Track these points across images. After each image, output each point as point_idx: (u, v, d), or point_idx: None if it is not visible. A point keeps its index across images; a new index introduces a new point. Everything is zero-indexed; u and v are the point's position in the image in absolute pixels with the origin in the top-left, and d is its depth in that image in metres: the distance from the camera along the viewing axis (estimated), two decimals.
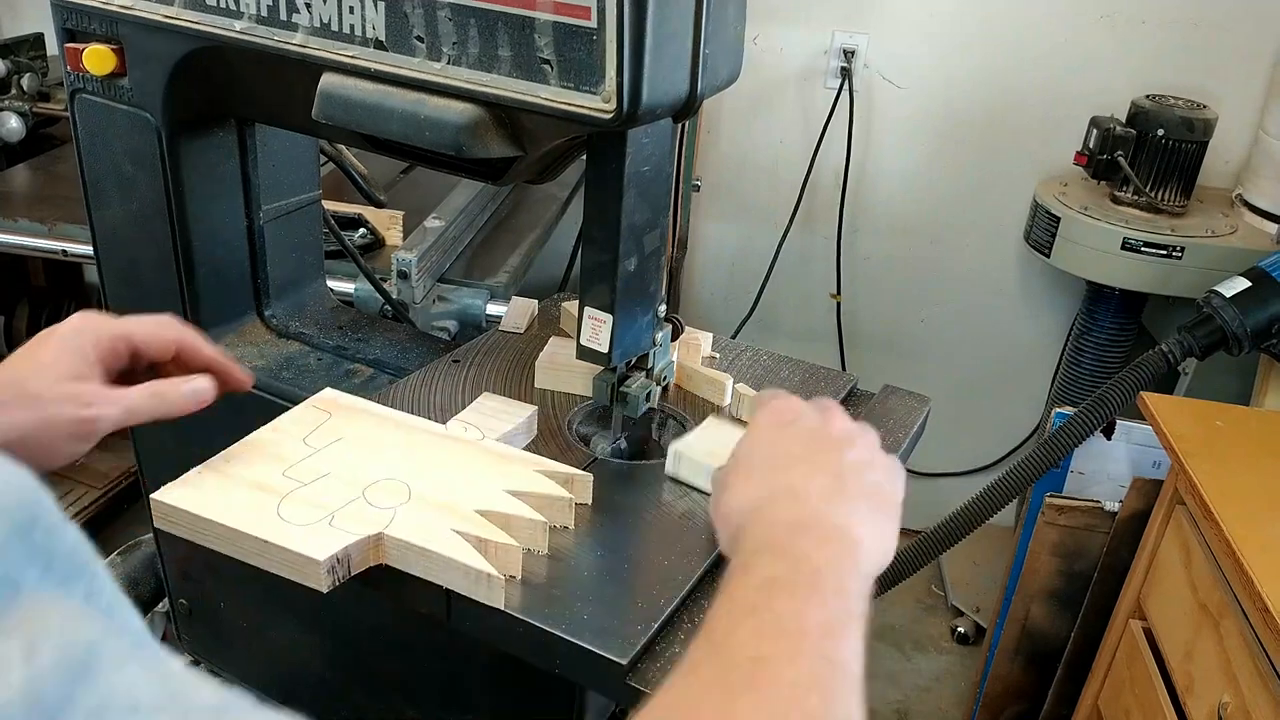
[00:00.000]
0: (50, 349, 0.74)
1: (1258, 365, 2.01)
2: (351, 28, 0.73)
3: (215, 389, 0.76)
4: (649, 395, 0.86)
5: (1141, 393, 1.62)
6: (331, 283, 1.18)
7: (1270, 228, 2.11)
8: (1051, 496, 1.79)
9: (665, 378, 0.88)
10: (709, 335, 1.02)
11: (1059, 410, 1.80)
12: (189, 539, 0.71)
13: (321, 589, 0.67)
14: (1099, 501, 1.77)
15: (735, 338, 1.27)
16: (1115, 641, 1.64)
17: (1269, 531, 1.28)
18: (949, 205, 2.57)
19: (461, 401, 0.90)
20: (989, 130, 2.46)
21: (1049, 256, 2.23)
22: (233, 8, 0.78)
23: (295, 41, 0.76)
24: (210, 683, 0.35)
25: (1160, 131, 2.08)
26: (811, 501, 0.62)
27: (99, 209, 0.98)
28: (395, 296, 1.50)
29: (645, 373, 0.86)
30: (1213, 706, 1.30)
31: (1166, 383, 2.22)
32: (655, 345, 0.85)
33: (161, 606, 1.25)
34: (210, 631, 1.16)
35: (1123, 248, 2.09)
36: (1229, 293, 1.76)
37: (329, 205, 1.49)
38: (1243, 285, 1.76)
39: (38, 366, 0.73)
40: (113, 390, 0.73)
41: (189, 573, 1.13)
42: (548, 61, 0.66)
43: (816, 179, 2.57)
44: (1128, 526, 1.68)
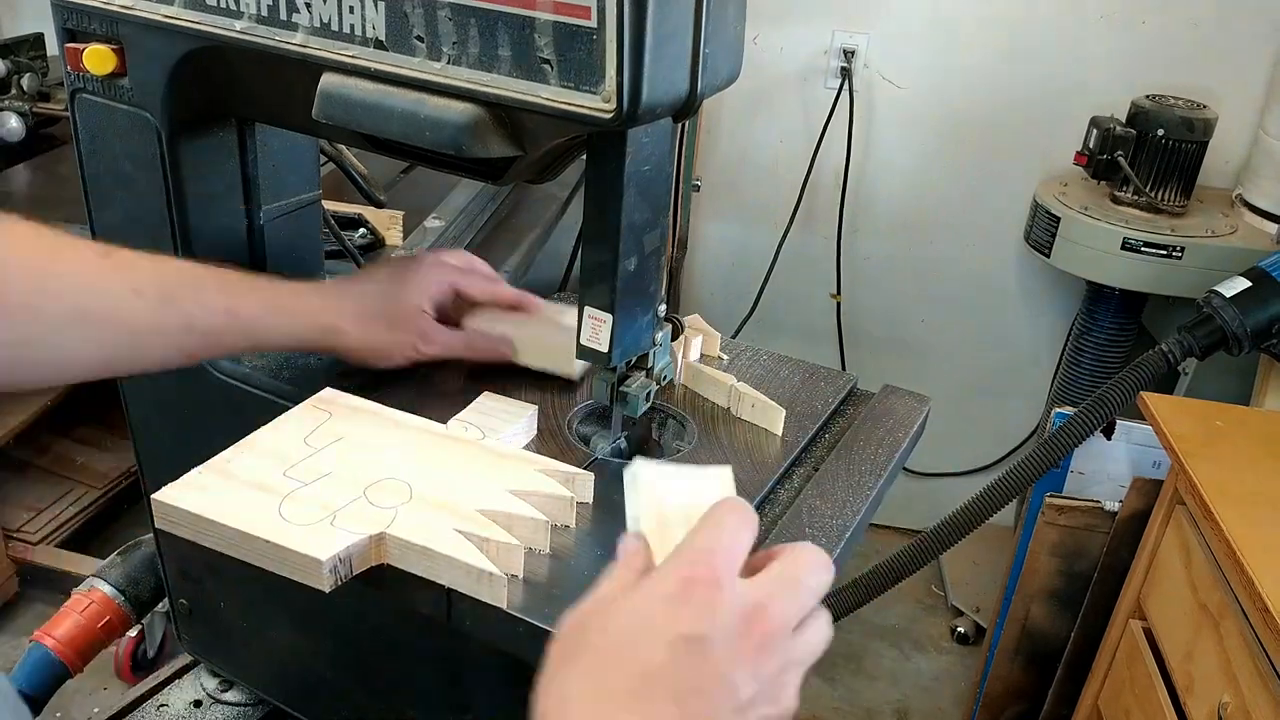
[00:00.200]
0: (419, 279, 0.90)
1: (1258, 365, 2.01)
2: (351, 27, 0.73)
3: (512, 351, 0.94)
4: (649, 395, 0.86)
5: (1141, 393, 1.62)
6: None
7: (1270, 228, 2.11)
8: (1051, 496, 1.79)
9: (665, 377, 0.88)
10: (716, 335, 1.02)
11: (1059, 410, 1.80)
12: (190, 539, 0.71)
13: (324, 589, 0.67)
14: (1099, 501, 1.77)
15: (735, 338, 1.27)
16: (1115, 642, 1.64)
17: (1269, 531, 1.28)
18: (949, 205, 2.57)
19: (461, 401, 0.90)
20: (989, 130, 2.46)
21: (1049, 256, 2.24)
22: (233, 7, 0.78)
23: (295, 41, 0.76)
24: None
25: (1160, 131, 2.08)
26: None
27: (99, 209, 0.98)
28: None
29: (645, 372, 0.86)
30: (1213, 707, 1.30)
31: (1166, 383, 2.23)
32: (655, 345, 0.85)
33: (161, 606, 1.25)
34: (210, 631, 1.16)
35: (1123, 248, 2.09)
36: (1229, 293, 1.76)
37: (329, 205, 1.49)
38: (1243, 285, 1.76)
39: (407, 290, 0.89)
40: (442, 332, 0.90)
41: (189, 573, 1.13)
42: (548, 61, 0.66)
43: (816, 179, 2.57)
44: (1128, 526, 1.68)
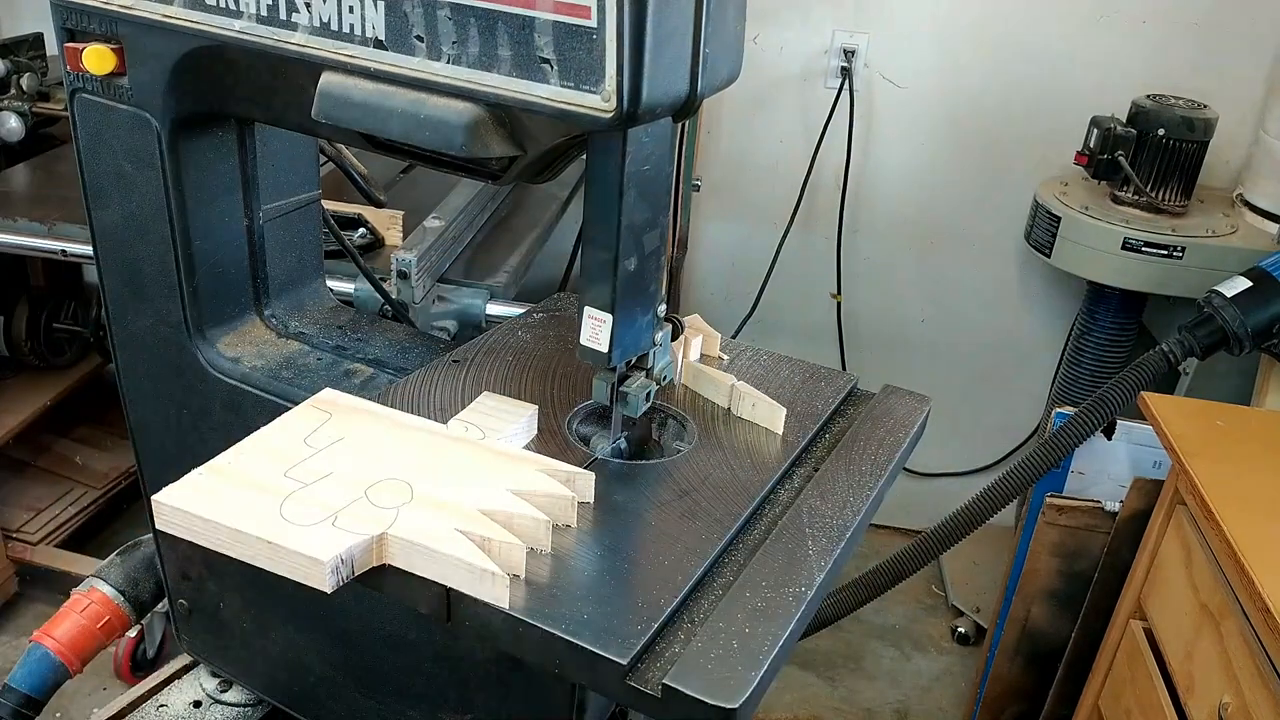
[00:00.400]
0: None
1: (1258, 365, 2.01)
2: (351, 27, 0.73)
3: None
4: (649, 395, 0.86)
5: (1142, 393, 1.62)
6: (331, 282, 1.17)
7: (1271, 227, 2.11)
8: (1052, 496, 1.79)
9: (665, 377, 0.88)
10: (716, 335, 1.02)
11: (1059, 410, 1.80)
12: (191, 540, 0.71)
13: (325, 589, 0.67)
14: (1099, 501, 1.77)
15: (735, 338, 1.27)
16: (1116, 642, 1.64)
17: (1270, 531, 1.28)
18: (949, 205, 2.57)
19: (461, 401, 0.90)
20: (989, 130, 2.46)
21: (1049, 256, 2.23)
22: (232, 7, 0.78)
23: (295, 41, 0.76)
24: None
25: (1161, 131, 2.08)
26: None
27: (99, 209, 0.98)
28: (395, 296, 1.50)
29: (645, 372, 0.86)
30: (1213, 707, 1.29)
31: (1167, 383, 2.22)
32: (655, 345, 0.84)
33: (161, 607, 1.25)
34: (210, 631, 1.16)
35: (1123, 248, 2.09)
36: (1230, 293, 1.76)
37: (329, 205, 1.49)
38: (1243, 285, 1.76)
39: None
40: None
41: (188, 573, 1.13)
42: (548, 61, 0.66)
43: (816, 179, 2.57)
44: (1128, 527, 1.68)
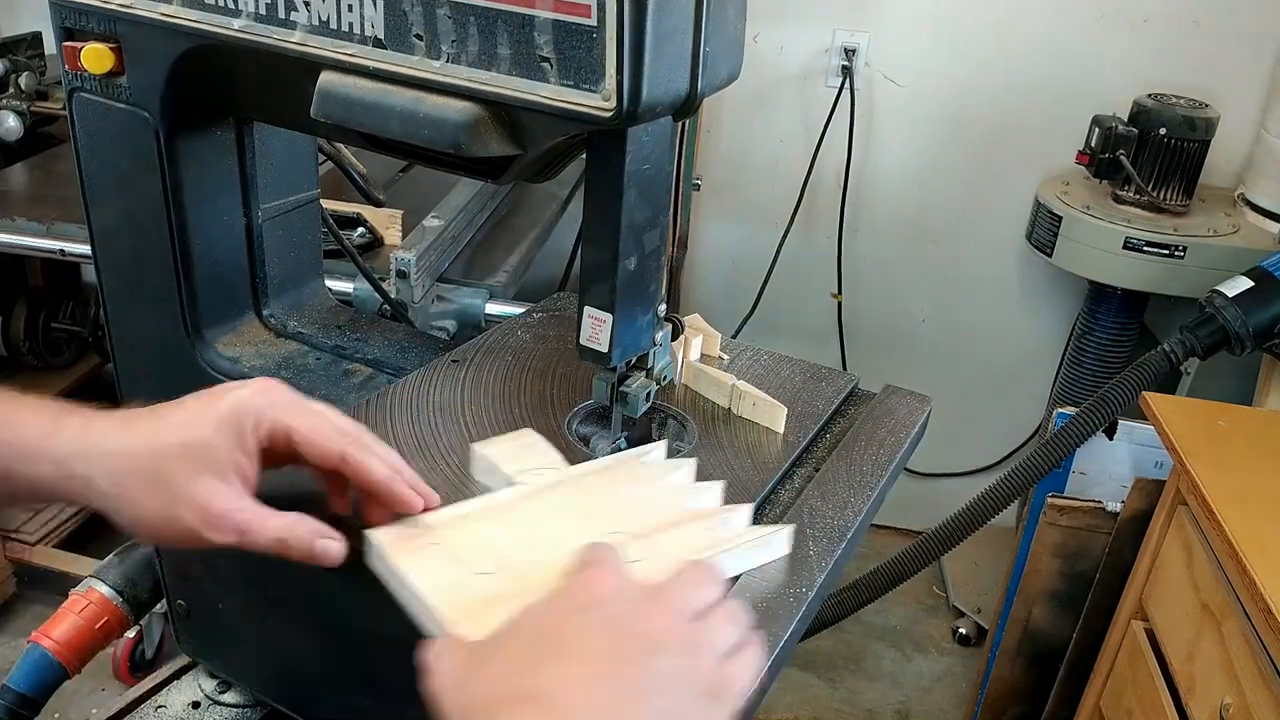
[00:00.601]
0: (220, 431, 0.64)
1: (1260, 365, 2.01)
2: (350, 26, 0.73)
3: (345, 553, 0.67)
4: (649, 395, 0.85)
5: (1143, 393, 1.62)
6: (330, 282, 1.17)
7: (1272, 227, 2.10)
8: (1053, 497, 1.79)
9: (665, 377, 0.88)
10: (717, 335, 1.01)
11: (1061, 410, 1.80)
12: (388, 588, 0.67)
13: None
14: (1101, 502, 1.77)
15: (735, 338, 1.27)
16: (1117, 642, 1.64)
17: (1271, 532, 1.28)
18: (950, 204, 2.56)
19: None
20: (991, 129, 2.46)
21: (1051, 256, 2.23)
22: (231, 6, 0.77)
23: (294, 40, 0.76)
24: None
25: (1162, 130, 2.08)
26: None
27: (97, 208, 0.98)
28: (394, 296, 1.50)
29: (645, 372, 0.85)
30: (1215, 707, 1.29)
31: (1168, 383, 2.22)
32: (655, 345, 0.84)
33: (159, 607, 1.25)
34: (208, 632, 1.16)
35: (1125, 247, 2.09)
36: (1231, 292, 1.76)
37: (328, 204, 1.49)
38: (1245, 285, 1.76)
39: (195, 448, 0.63)
40: (242, 514, 0.64)
41: (187, 573, 1.13)
42: (547, 60, 0.66)
43: (817, 178, 2.56)
44: (1129, 527, 1.68)
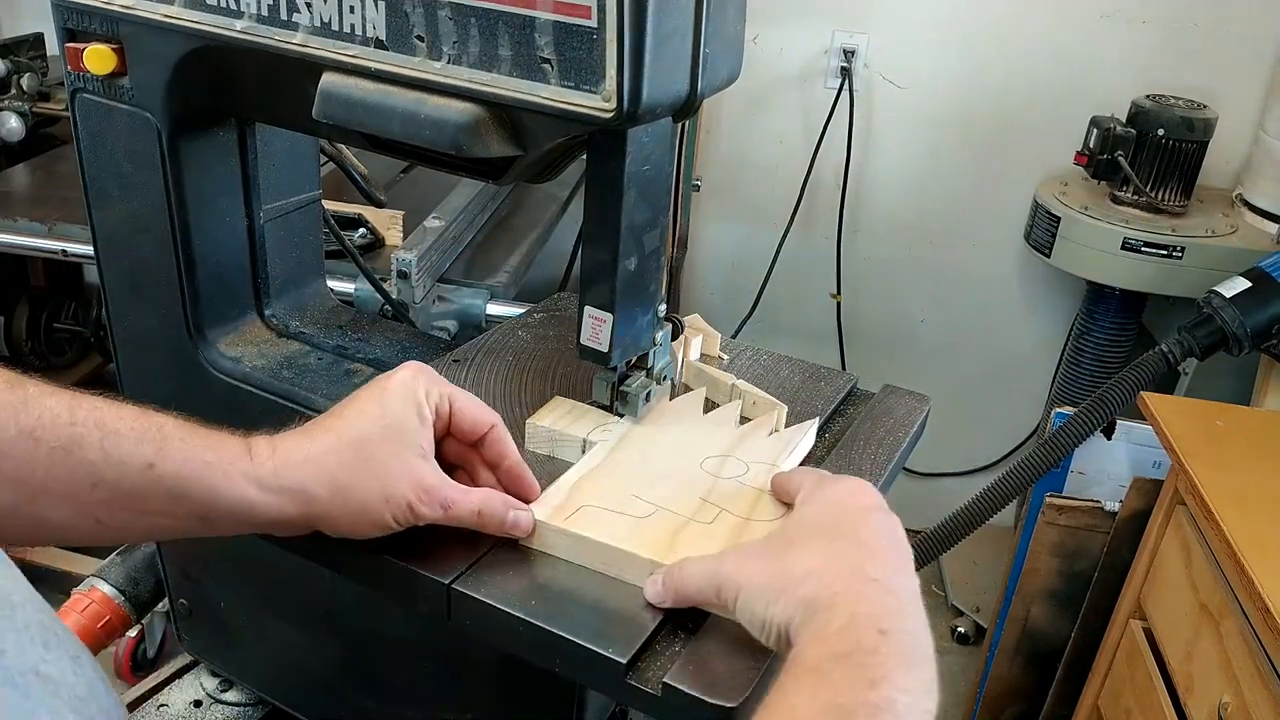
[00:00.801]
0: (397, 406, 0.67)
1: (1258, 365, 2.01)
2: (352, 27, 0.73)
3: (533, 525, 0.71)
4: (649, 395, 0.86)
5: (1142, 393, 1.62)
6: (331, 283, 1.17)
7: (1270, 228, 2.11)
8: (1052, 496, 1.79)
9: (665, 377, 0.88)
10: (717, 335, 1.02)
11: (1059, 410, 1.80)
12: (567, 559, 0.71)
13: None
14: (1099, 501, 1.77)
15: (735, 338, 1.27)
16: (1115, 642, 1.64)
17: (1269, 531, 1.28)
18: (949, 205, 2.57)
19: None
20: (989, 130, 2.46)
21: (1049, 256, 2.23)
22: (233, 7, 0.78)
23: (295, 41, 0.76)
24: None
25: (1160, 131, 2.08)
26: (904, 602, 0.58)
27: (99, 209, 0.98)
28: (395, 296, 1.50)
29: (645, 372, 0.86)
30: (1213, 707, 1.30)
31: (1167, 383, 2.23)
32: (655, 345, 0.85)
33: (161, 606, 1.25)
34: (210, 631, 1.16)
35: (1123, 248, 2.09)
36: (1229, 293, 1.76)
37: (329, 205, 1.49)
38: (1243, 285, 1.76)
39: (389, 428, 0.66)
40: (449, 488, 0.67)
41: (189, 572, 1.13)
42: (548, 61, 0.66)
43: (816, 179, 2.57)
44: (1128, 526, 1.68)
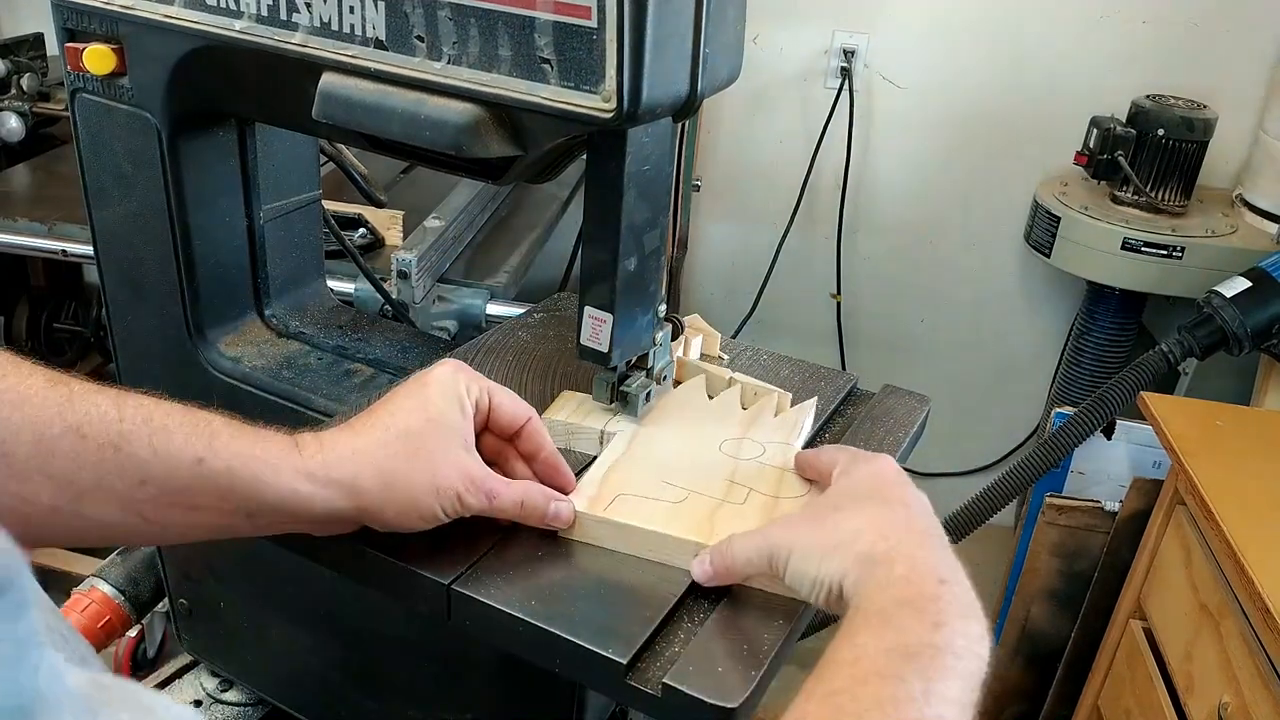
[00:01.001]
0: (440, 400, 0.69)
1: (1258, 365, 2.01)
2: (352, 27, 0.73)
3: (574, 516, 0.72)
4: (649, 395, 0.86)
5: (1142, 393, 1.62)
6: (331, 283, 1.17)
7: (1270, 228, 2.11)
8: (1052, 496, 1.79)
9: (665, 377, 0.88)
10: (717, 335, 1.02)
11: (1059, 410, 1.80)
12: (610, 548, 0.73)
13: None
14: (1099, 501, 1.77)
15: (735, 338, 1.27)
16: (1115, 642, 1.64)
17: (1269, 531, 1.28)
18: (949, 205, 2.57)
19: None
20: (989, 130, 2.46)
21: (1049, 256, 2.23)
22: (233, 7, 0.78)
23: (295, 41, 0.76)
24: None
25: (1160, 131, 2.08)
26: (956, 559, 0.63)
27: (99, 209, 0.98)
28: (395, 296, 1.50)
29: (645, 372, 0.86)
30: (1213, 707, 1.30)
31: (1167, 383, 2.23)
32: (655, 345, 0.85)
33: (161, 606, 1.25)
34: (210, 631, 1.16)
35: (1123, 248, 2.09)
36: (1229, 293, 1.76)
37: (329, 205, 1.49)
38: (1243, 285, 1.77)
39: (434, 421, 0.68)
40: (493, 479, 0.69)
41: (189, 573, 1.13)
42: (548, 61, 0.66)
43: (816, 179, 2.57)
44: (1128, 526, 1.68)
